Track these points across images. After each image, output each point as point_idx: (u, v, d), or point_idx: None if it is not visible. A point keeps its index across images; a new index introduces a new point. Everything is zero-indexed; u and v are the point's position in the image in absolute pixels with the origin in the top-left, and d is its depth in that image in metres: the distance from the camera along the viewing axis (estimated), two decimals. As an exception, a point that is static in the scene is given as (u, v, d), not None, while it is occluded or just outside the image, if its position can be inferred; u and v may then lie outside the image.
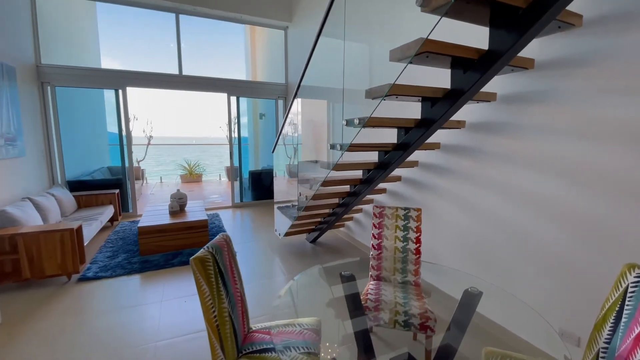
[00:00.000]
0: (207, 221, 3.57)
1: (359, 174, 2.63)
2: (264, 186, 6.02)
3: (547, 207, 1.81)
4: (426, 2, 1.31)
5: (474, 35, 1.53)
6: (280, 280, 2.89)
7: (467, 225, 2.34)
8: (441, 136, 2.47)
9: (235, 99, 5.62)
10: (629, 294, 1.03)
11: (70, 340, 2.02)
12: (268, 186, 5.98)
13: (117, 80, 4.65)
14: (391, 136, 2.23)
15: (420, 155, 2.71)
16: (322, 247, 3.71)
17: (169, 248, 3.40)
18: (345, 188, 2.84)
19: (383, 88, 1.73)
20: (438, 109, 1.78)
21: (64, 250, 2.68)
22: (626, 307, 1.03)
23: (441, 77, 1.78)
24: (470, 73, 1.56)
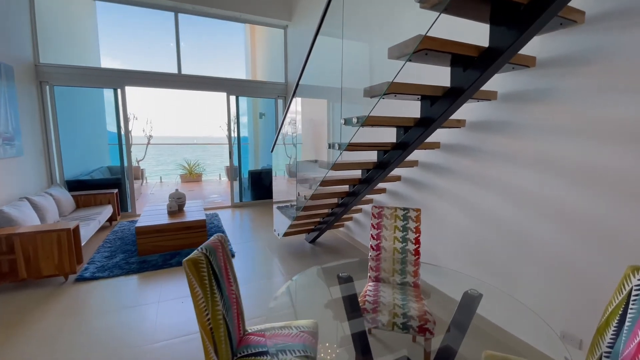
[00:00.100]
0: (205, 221, 3.54)
1: (358, 173, 2.60)
2: (263, 186, 6.00)
3: (547, 207, 1.78)
4: (425, -2, 1.29)
5: (475, 33, 1.50)
6: (279, 280, 2.87)
7: (467, 225, 2.31)
8: (441, 135, 2.45)
9: (234, 99, 5.60)
10: (632, 297, 1.00)
11: (67, 341, 2.00)
12: (268, 186, 5.96)
13: (116, 79, 4.63)
14: (390, 135, 2.20)
15: (420, 155, 2.68)
16: (321, 248, 3.69)
17: (167, 248, 3.39)
18: (345, 188, 2.82)
19: (381, 86, 1.70)
20: (437, 107, 1.75)
21: (60, 251, 2.66)
22: (630, 310, 1.00)
23: (441, 75, 1.76)
24: (470, 71, 1.53)
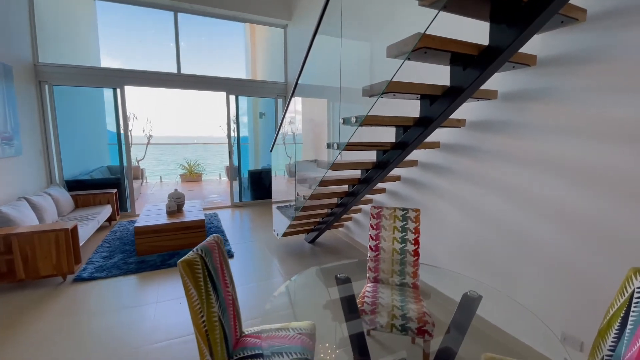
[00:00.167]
0: (204, 221, 3.53)
1: (357, 173, 2.59)
2: (263, 186, 5.98)
3: (548, 207, 1.76)
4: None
5: (475, 31, 1.48)
6: (278, 281, 2.85)
7: (466, 225, 2.29)
8: (441, 135, 2.43)
9: (234, 98, 5.59)
10: (634, 300, 0.98)
11: (64, 341, 1.99)
12: (267, 186, 5.95)
13: (115, 79, 4.62)
14: (390, 135, 2.19)
15: (420, 155, 2.66)
16: (320, 248, 3.67)
17: (165, 248, 3.37)
18: (344, 188, 2.80)
19: (380, 85, 1.69)
20: (437, 106, 1.73)
21: (58, 251, 2.65)
22: (632, 313, 0.98)
23: (441, 74, 1.74)
24: (470, 70, 1.51)
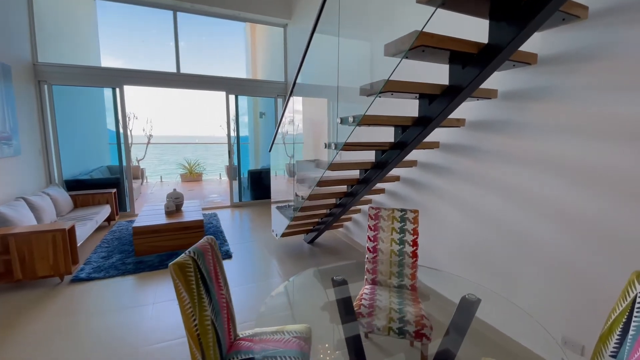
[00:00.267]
0: (202, 221, 3.51)
1: (356, 173, 2.56)
2: (263, 186, 5.96)
3: (548, 207, 1.73)
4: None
5: (476, 29, 1.46)
6: (276, 282, 2.83)
7: (466, 226, 2.26)
8: (440, 135, 2.40)
9: (234, 98, 5.57)
10: (637, 305, 0.95)
11: (61, 342, 1.97)
12: (267, 186, 5.93)
13: (114, 78, 4.61)
14: (389, 135, 2.16)
15: (419, 155, 2.63)
16: (320, 248, 3.65)
17: (164, 249, 3.36)
18: (343, 188, 2.78)
19: (377, 84, 1.66)
20: (436, 106, 1.71)
21: (56, 251, 2.63)
22: (634, 318, 0.95)
23: (441, 73, 1.71)
24: (469, 68, 1.48)
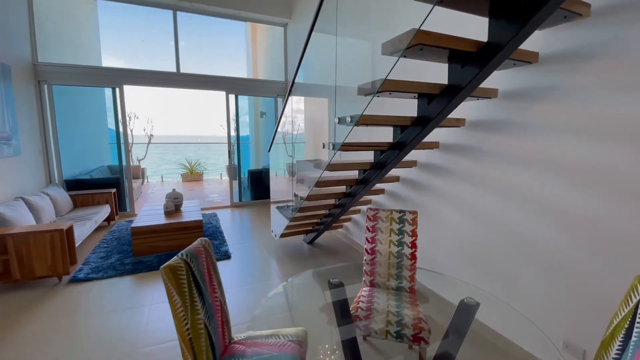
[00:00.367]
0: (202, 222, 3.50)
1: (355, 174, 2.54)
2: (263, 186, 5.95)
3: (549, 208, 1.70)
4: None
5: (478, 28, 1.43)
6: (275, 283, 2.82)
7: (466, 226, 2.24)
8: (440, 135, 2.37)
9: (234, 97, 5.55)
10: (640, 311, 0.92)
11: (58, 343, 1.97)
12: (268, 186, 5.91)
13: (114, 78, 4.60)
14: (388, 135, 2.13)
15: (419, 155, 2.61)
16: (319, 249, 3.63)
17: (163, 249, 3.35)
18: (342, 189, 2.75)
19: (375, 84, 1.63)
20: (435, 106, 1.68)
21: (53, 251, 2.63)
22: (637, 324, 0.93)
23: (441, 73, 1.68)
24: (468, 67, 1.45)
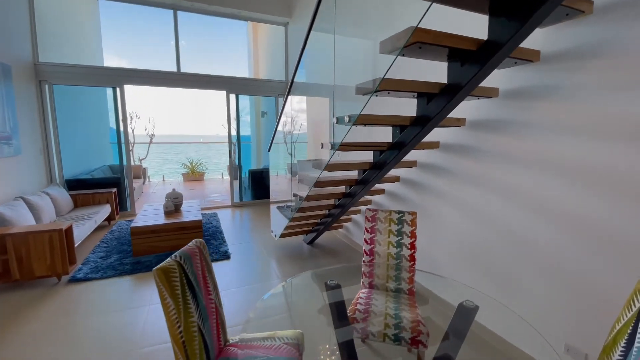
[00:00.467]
0: (201, 222, 3.49)
1: (354, 174, 2.52)
2: (264, 185, 5.94)
3: (550, 209, 1.67)
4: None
5: (479, 27, 1.40)
6: (274, 284, 2.80)
7: (466, 227, 2.21)
8: (440, 135, 2.34)
9: (234, 97, 5.54)
10: (643, 316, 0.90)
11: (58, 343, 1.96)
12: (268, 185, 5.90)
13: (115, 78, 4.60)
14: (387, 135, 2.11)
15: (419, 155, 2.58)
16: (319, 249, 3.61)
17: (162, 249, 3.34)
18: (341, 189, 2.73)
19: (373, 83, 1.61)
20: (434, 105, 1.66)
21: (53, 251, 2.62)
22: (640, 330, 0.90)
23: (442, 72, 1.65)
24: (468, 66, 1.43)
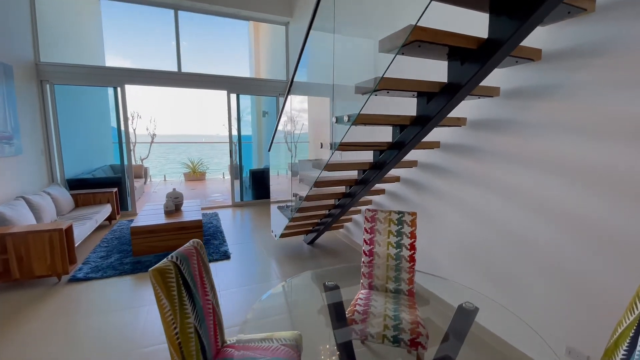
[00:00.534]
0: (201, 221, 3.49)
1: (354, 174, 2.50)
2: (265, 185, 5.93)
3: (550, 209, 1.65)
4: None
5: (476, 23, 1.39)
6: (273, 284, 2.79)
7: (467, 227, 2.19)
8: (441, 134, 2.33)
9: (235, 97, 5.54)
10: (646, 319, 0.88)
11: (58, 342, 1.96)
12: (269, 185, 5.89)
13: (115, 78, 4.61)
14: (387, 135, 2.10)
15: (420, 155, 2.56)
16: (319, 249, 3.60)
17: (162, 249, 3.34)
18: (341, 189, 2.72)
19: (373, 82, 1.60)
20: (434, 104, 1.64)
21: (53, 251, 2.63)
22: (642, 333, 0.88)
23: (442, 72, 1.64)
24: (468, 65, 1.41)
